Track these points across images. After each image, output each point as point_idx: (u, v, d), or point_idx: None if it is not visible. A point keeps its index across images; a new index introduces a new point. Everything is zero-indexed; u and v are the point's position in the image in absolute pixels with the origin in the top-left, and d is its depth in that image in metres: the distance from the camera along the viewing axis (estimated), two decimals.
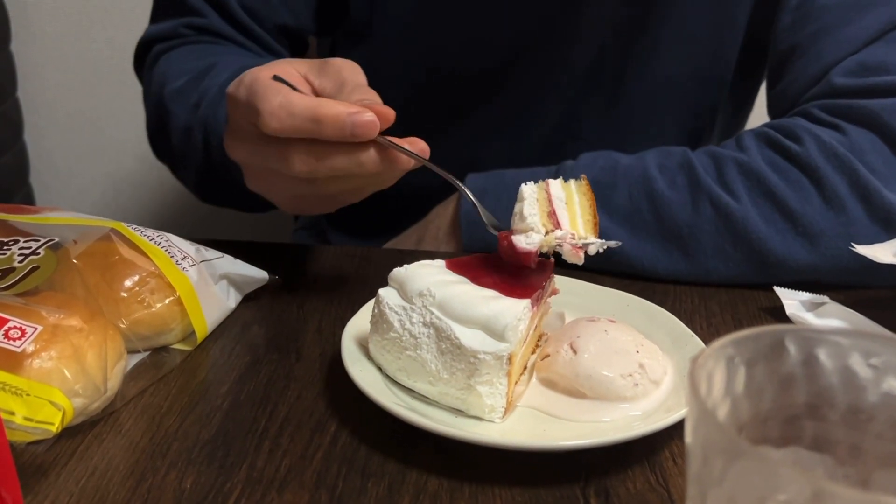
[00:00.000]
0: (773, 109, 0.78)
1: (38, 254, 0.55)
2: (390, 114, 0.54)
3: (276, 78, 0.56)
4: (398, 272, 0.53)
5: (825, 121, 0.68)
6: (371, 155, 0.54)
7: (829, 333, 0.34)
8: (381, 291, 0.52)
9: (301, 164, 0.54)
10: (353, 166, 0.54)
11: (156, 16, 0.85)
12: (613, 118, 0.83)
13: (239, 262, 0.63)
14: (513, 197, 0.72)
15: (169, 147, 0.78)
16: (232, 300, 0.62)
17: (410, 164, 0.55)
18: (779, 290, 0.65)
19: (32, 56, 1.43)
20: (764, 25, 0.79)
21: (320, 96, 0.57)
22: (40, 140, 1.49)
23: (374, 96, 0.56)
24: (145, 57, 0.85)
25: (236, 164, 0.63)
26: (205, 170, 0.75)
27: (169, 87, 0.77)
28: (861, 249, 0.62)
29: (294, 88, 0.55)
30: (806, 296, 0.65)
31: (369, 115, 0.52)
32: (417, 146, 0.55)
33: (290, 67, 0.58)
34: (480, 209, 0.58)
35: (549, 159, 0.79)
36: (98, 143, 1.49)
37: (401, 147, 0.55)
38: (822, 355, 0.34)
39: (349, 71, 0.58)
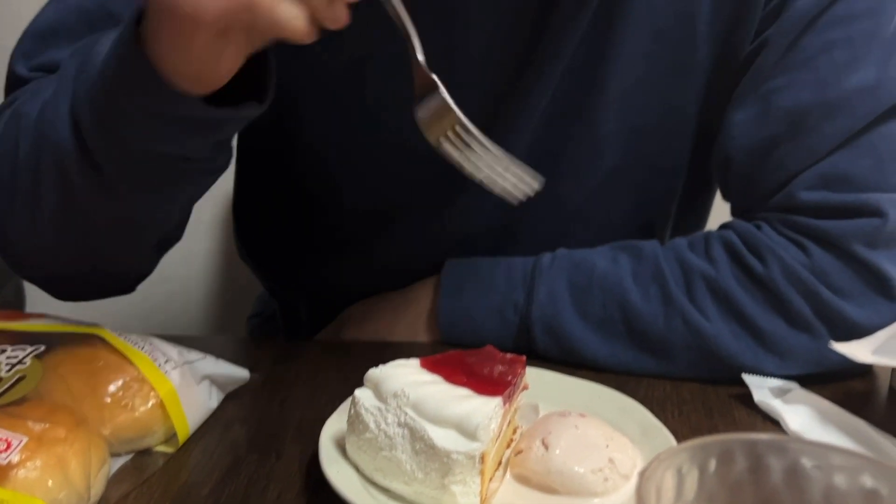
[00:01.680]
0: (732, 207, 0.78)
1: (25, 363, 0.57)
2: None
3: None
4: (373, 373, 0.55)
5: (789, 237, 0.69)
6: None
7: (774, 441, 0.36)
8: (357, 392, 0.54)
9: None
10: None
11: (6, 93, 0.72)
12: (562, 206, 0.80)
13: (221, 361, 0.65)
14: (490, 290, 0.74)
15: (16, 159, 0.64)
16: (214, 400, 0.64)
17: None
18: (747, 378, 0.67)
19: None
20: (718, 115, 0.75)
21: None
22: None
23: None
24: None
25: (114, 95, 0.54)
26: (74, 148, 0.59)
27: (14, 106, 0.67)
28: (839, 348, 0.63)
29: None
30: (774, 382, 0.67)
31: None
32: None
33: None
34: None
35: (501, 236, 0.80)
36: None
37: None
38: (771, 462, 0.36)
39: None
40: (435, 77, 0.56)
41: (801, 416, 0.63)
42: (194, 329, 1.50)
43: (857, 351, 0.63)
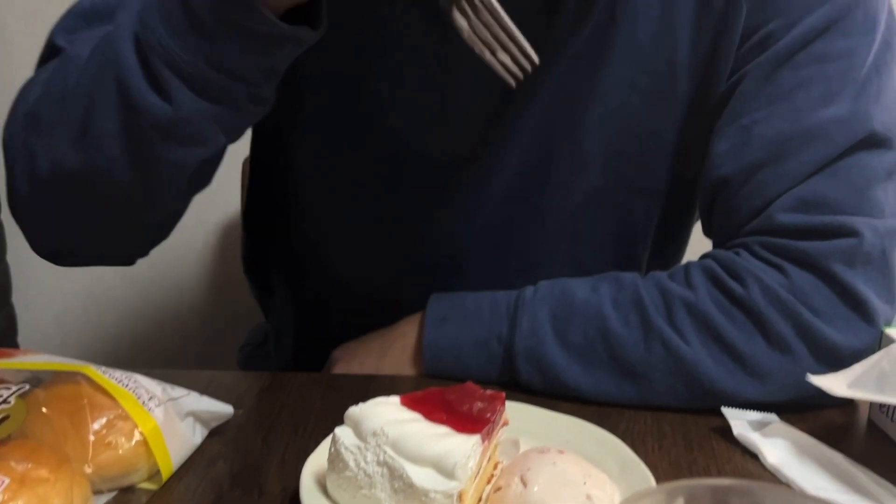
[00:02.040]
0: (713, 234, 0.80)
1: (9, 402, 0.57)
2: None
3: None
4: (353, 411, 0.55)
5: (768, 260, 0.70)
6: None
7: (740, 485, 0.36)
8: (337, 430, 0.55)
9: None
10: None
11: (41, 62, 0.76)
12: (549, 221, 0.83)
13: (204, 398, 0.65)
14: (474, 323, 0.75)
15: (59, 122, 0.67)
16: (198, 436, 0.64)
17: None
18: (726, 411, 0.68)
19: None
20: (697, 143, 0.78)
21: None
22: (23, 260, 1.52)
23: None
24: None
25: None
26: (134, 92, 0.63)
27: (51, 71, 0.70)
28: (816, 381, 0.64)
29: None
30: (753, 416, 0.68)
31: None
32: None
33: None
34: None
35: (483, 260, 0.82)
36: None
37: None
38: None
39: None
40: None
41: (780, 449, 0.64)
42: (185, 358, 1.51)
43: (834, 384, 0.63)
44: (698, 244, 0.86)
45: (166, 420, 0.60)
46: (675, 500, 0.36)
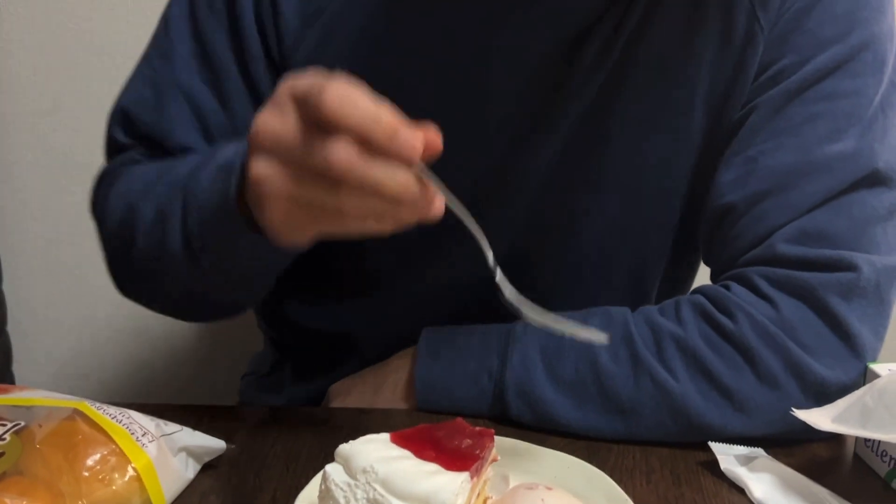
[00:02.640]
0: (712, 262, 0.81)
1: (4, 440, 0.58)
2: (436, 141, 0.56)
3: None
4: (343, 449, 0.56)
5: (761, 292, 0.71)
6: (406, 177, 0.55)
7: None
8: (328, 468, 0.55)
9: (344, 151, 0.53)
10: (386, 178, 0.54)
11: (109, 156, 0.86)
12: (560, 262, 0.85)
13: (198, 433, 0.66)
14: (466, 357, 0.76)
15: (135, 242, 0.75)
16: (190, 471, 0.65)
17: (437, 210, 0.57)
18: (713, 446, 0.68)
19: (13, 208, 1.49)
20: (705, 178, 0.81)
21: None
22: (19, 289, 1.53)
23: None
24: (98, 193, 0.85)
25: (223, 222, 0.65)
26: (181, 249, 0.71)
27: (133, 192, 0.77)
28: (801, 415, 0.65)
29: None
30: (740, 450, 0.68)
31: (416, 137, 0.54)
32: (430, 136, 0.56)
33: None
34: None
35: (487, 300, 0.82)
36: (76, 290, 1.53)
37: (434, 177, 0.56)
38: None
39: None
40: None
41: (766, 484, 0.65)
42: (179, 386, 1.51)
43: (819, 419, 0.64)
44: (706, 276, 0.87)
45: (159, 455, 0.61)
46: None
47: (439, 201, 0.57)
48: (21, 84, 1.45)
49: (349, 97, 0.53)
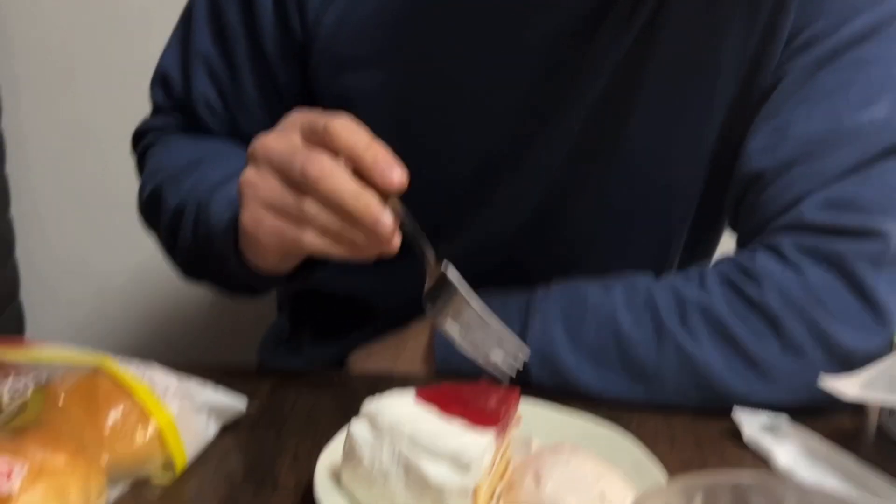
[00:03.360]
0: (739, 229, 0.80)
1: (26, 393, 0.58)
2: (403, 184, 0.61)
3: None
4: (369, 406, 0.56)
5: (788, 260, 0.70)
6: (370, 201, 0.59)
7: (759, 482, 0.37)
8: (353, 424, 0.55)
9: (325, 161, 0.59)
10: (351, 196, 0.59)
11: (152, 112, 0.92)
12: (583, 229, 0.85)
13: (220, 391, 0.66)
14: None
15: (159, 222, 0.83)
16: (211, 429, 0.65)
17: (393, 246, 0.61)
18: (737, 414, 0.68)
19: (26, 177, 1.48)
20: (734, 143, 0.79)
21: None
22: (31, 258, 1.52)
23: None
24: (138, 143, 0.92)
25: (222, 246, 0.69)
26: (191, 247, 0.78)
27: (162, 174, 0.82)
28: (828, 384, 0.64)
29: None
30: (764, 418, 0.68)
31: (399, 176, 0.60)
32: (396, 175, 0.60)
33: None
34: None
35: (513, 264, 0.82)
36: (88, 262, 1.53)
37: (405, 218, 0.61)
38: (754, 502, 0.37)
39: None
40: (445, 264, 0.64)
41: (790, 452, 0.64)
42: (195, 354, 1.51)
43: (845, 387, 0.64)
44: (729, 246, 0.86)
45: (181, 413, 0.61)
46: (693, 495, 0.36)
47: (397, 238, 0.61)
48: (35, 50, 1.44)
49: (352, 125, 0.60)
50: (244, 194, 0.64)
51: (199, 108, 0.86)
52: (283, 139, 0.62)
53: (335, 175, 0.59)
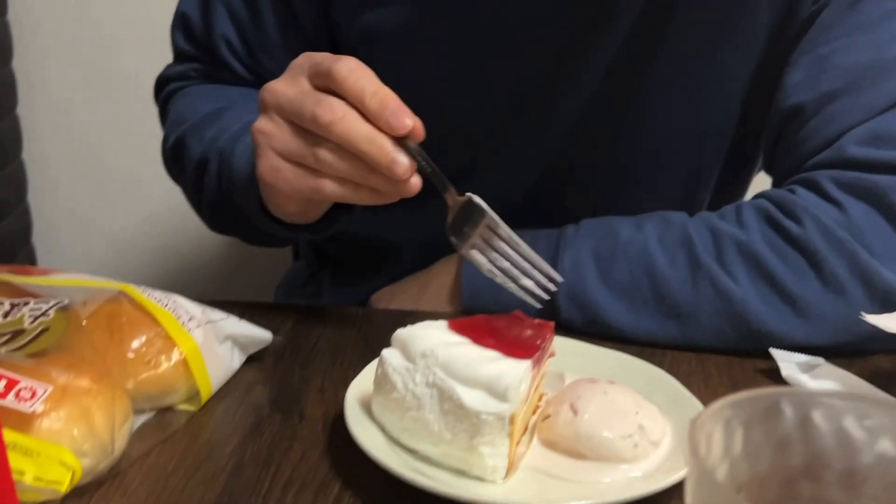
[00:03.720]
0: (776, 167, 0.78)
1: (48, 315, 0.56)
2: (420, 131, 0.59)
3: None
4: (401, 333, 0.54)
5: (829, 196, 0.68)
6: (384, 143, 0.58)
7: (823, 396, 0.35)
8: (385, 352, 0.53)
9: (332, 107, 0.58)
10: (365, 140, 0.58)
11: (174, 59, 0.90)
12: (608, 171, 0.83)
13: (243, 322, 0.64)
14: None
15: (182, 173, 0.82)
16: (236, 360, 0.63)
17: (413, 186, 0.60)
18: (774, 352, 0.66)
19: (38, 120, 1.46)
20: (769, 78, 0.77)
21: None
22: (44, 202, 1.51)
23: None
24: (161, 91, 0.91)
25: (245, 197, 0.68)
26: (215, 199, 0.78)
27: (185, 125, 0.81)
28: (871, 319, 0.62)
29: None
30: (802, 357, 0.66)
31: (409, 120, 0.58)
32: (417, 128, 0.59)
33: None
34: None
35: (539, 204, 0.80)
36: (101, 205, 1.51)
37: (418, 152, 0.59)
38: (818, 417, 0.35)
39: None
40: (468, 195, 0.62)
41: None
42: (215, 296, 1.50)
43: (889, 322, 0.62)
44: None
45: (206, 342, 0.59)
46: (756, 410, 0.35)
47: (416, 179, 0.60)
48: None
49: (358, 70, 0.58)
50: (258, 143, 0.63)
51: (221, 51, 0.84)
52: (293, 85, 0.61)
53: (347, 119, 0.58)
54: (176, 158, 0.83)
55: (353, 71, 0.58)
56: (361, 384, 0.57)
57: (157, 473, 0.52)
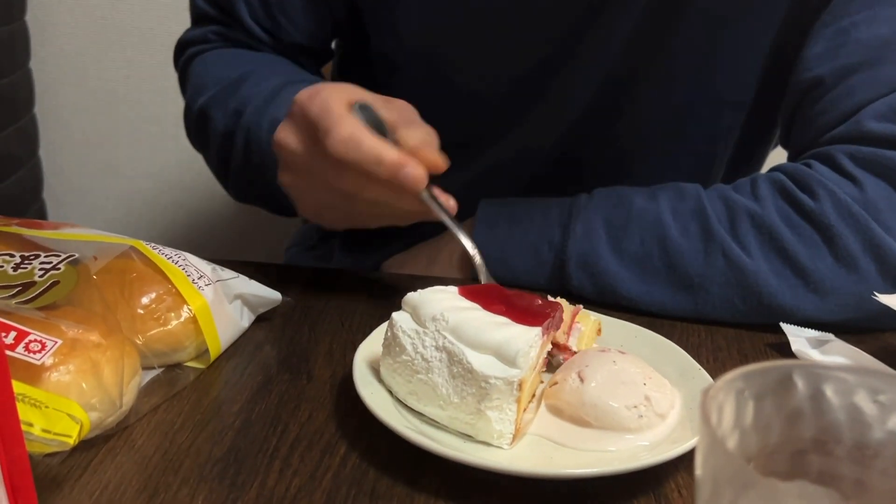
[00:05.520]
0: (793, 140, 0.77)
1: (59, 269, 0.56)
2: (441, 165, 0.62)
3: (361, 107, 0.62)
4: (412, 297, 0.54)
5: (845, 171, 0.67)
6: (410, 199, 0.62)
7: (835, 370, 0.35)
8: (395, 315, 0.53)
9: (352, 182, 0.61)
10: (393, 200, 0.61)
11: (192, 23, 0.90)
12: (625, 140, 0.83)
13: (253, 282, 0.64)
14: (525, 227, 0.73)
15: (206, 144, 0.82)
16: (245, 320, 0.63)
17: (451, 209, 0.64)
18: (785, 327, 0.66)
19: (51, 74, 1.46)
20: (789, 50, 0.76)
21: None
22: (55, 156, 1.50)
23: (433, 137, 0.63)
24: (180, 56, 0.90)
25: (272, 170, 0.68)
26: (242, 172, 0.79)
27: (207, 94, 0.81)
28: (882, 298, 0.62)
29: (376, 122, 0.62)
30: (812, 333, 0.66)
31: (419, 171, 0.59)
32: (449, 203, 0.64)
33: (364, 95, 0.64)
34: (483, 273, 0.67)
35: (554, 174, 0.80)
36: (112, 161, 1.51)
37: (437, 202, 0.63)
38: (829, 391, 0.35)
39: (412, 110, 0.65)
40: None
41: None
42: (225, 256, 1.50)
43: None
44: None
45: (215, 300, 0.59)
46: (767, 382, 0.34)
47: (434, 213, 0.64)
48: None
49: (352, 140, 0.59)
50: (291, 195, 0.68)
51: (240, 11, 0.83)
52: (297, 140, 0.63)
53: (371, 187, 0.60)
54: (199, 130, 0.83)
55: (347, 145, 0.59)
56: (370, 346, 0.57)
57: (164, 429, 0.52)
